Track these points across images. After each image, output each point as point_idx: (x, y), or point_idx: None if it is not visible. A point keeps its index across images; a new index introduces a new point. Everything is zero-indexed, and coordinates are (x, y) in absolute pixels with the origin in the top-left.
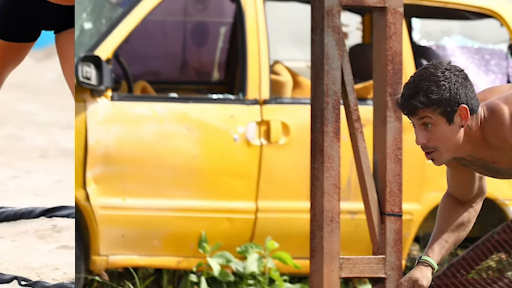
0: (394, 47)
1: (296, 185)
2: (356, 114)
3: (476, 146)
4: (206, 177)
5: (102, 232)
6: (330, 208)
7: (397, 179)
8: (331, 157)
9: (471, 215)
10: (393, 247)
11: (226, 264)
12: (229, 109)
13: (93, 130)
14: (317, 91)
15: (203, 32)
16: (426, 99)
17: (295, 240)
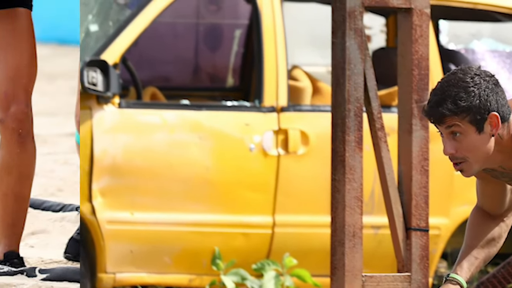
0: (420, 51)
1: (316, 198)
2: (379, 122)
3: (508, 156)
4: (220, 190)
5: (109, 248)
6: (352, 223)
7: (423, 191)
8: (353, 168)
9: (502, 230)
10: (419, 264)
11: (241, 282)
12: (244, 117)
13: (100, 140)
14: (338, 98)
15: (216, 35)
16: (455, 106)
17: (314, 257)
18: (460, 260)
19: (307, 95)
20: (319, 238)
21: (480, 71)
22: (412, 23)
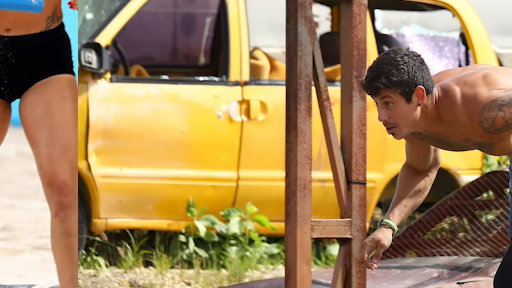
0: (359, 35)
1: (273, 157)
2: (325, 94)
3: (431, 122)
4: (193, 150)
5: (102, 198)
6: (302, 177)
7: (361, 151)
8: (303, 132)
9: (427, 183)
10: (358, 211)
11: (211, 226)
12: (213, 89)
13: (94, 108)
14: (291, 74)
15: (190, 22)
16: (387, 81)
17: (272, 205)
18: (392, 208)
19: (265, 71)
20: (275, 190)
21: (409, 52)
22: (352, 12)
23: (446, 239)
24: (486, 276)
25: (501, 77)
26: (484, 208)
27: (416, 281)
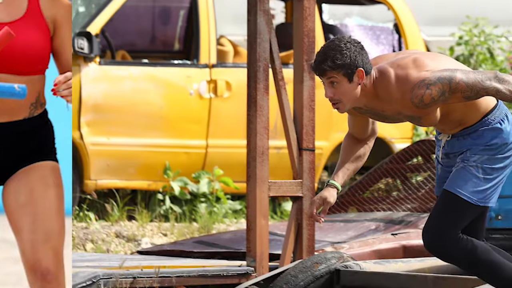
0: (309, 26)
1: (236, 128)
2: (281, 75)
3: (370, 99)
4: (169, 122)
5: (92, 163)
6: (261, 145)
7: (311, 123)
8: (262, 107)
9: (366, 149)
10: (308, 173)
11: (184, 186)
12: (186, 71)
13: (86, 87)
14: (252, 58)
15: (167, 14)
16: (333, 64)
17: (235, 169)
18: (336, 171)
19: (230, 56)
20: (238, 155)
21: (351, 39)
22: (303, 6)
23: (382, 197)
24: (416, 228)
25: (428, 61)
26: (414, 171)
27: (357, 232)
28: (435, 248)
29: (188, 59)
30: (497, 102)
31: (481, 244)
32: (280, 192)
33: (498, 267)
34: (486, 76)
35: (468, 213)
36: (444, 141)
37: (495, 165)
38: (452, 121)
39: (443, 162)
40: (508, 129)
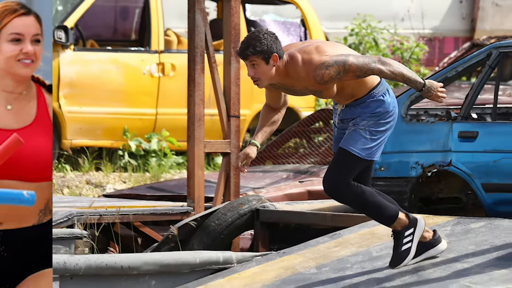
0: (235, 21)
1: (179, 99)
2: (213, 58)
3: (282, 77)
4: (127, 95)
5: (68, 126)
6: (198, 113)
7: (237, 96)
8: (199, 83)
9: (279, 116)
10: (235, 135)
11: (139, 144)
12: (141, 56)
13: (63, 68)
14: (191, 45)
15: (126, 12)
16: (254, 50)
17: (178, 131)
18: (256, 132)
19: (174, 44)
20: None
21: (268, 31)
22: (231, 5)
23: (292, 153)
24: (318, 177)
25: (328, 48)
26: (316, 132)
27: (272, 180)
28: (333, 192)
29: (142, 46)
30: (380, 80)
31: (368, 189)
32: (213, 149)
33: (381, 207)
34: (372, 60)
35: (358, 165)
36: (339, 110)
37: (379, 128)
38: (345, 94)
39: (339, 126)
40: (389, 101)
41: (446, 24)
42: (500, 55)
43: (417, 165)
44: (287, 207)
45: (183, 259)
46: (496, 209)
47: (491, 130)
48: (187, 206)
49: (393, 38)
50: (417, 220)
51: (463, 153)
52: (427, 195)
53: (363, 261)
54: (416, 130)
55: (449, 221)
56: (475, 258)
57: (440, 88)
